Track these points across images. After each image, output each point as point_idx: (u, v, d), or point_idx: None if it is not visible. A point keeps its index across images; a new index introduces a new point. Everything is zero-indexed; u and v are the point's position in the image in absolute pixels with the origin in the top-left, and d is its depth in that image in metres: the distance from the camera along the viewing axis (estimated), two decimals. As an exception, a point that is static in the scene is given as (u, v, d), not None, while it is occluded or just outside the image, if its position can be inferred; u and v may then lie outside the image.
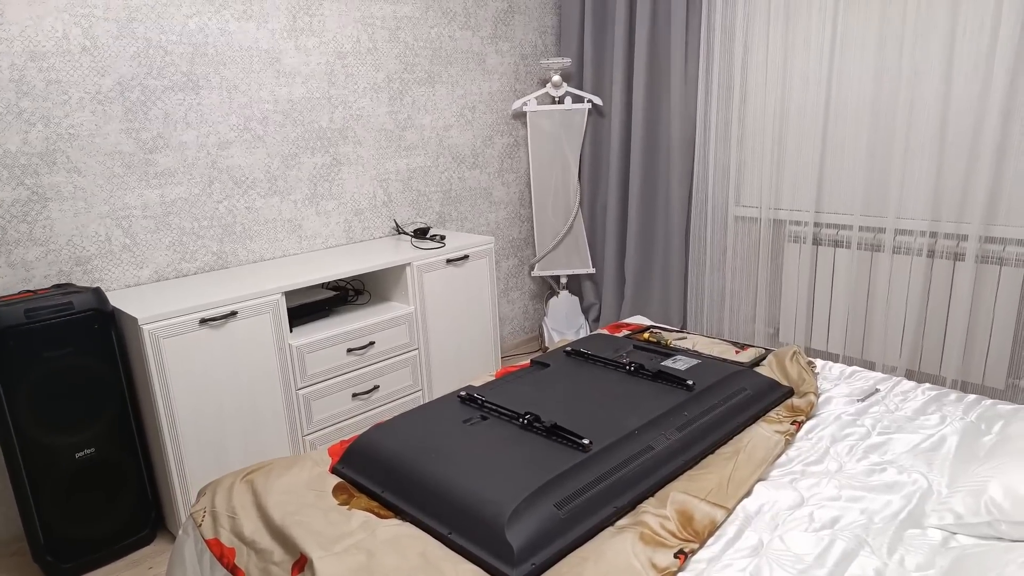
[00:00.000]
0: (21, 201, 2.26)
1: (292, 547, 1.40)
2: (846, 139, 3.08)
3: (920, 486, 1.59)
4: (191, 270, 2.68)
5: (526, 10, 3.71)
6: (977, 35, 2.65)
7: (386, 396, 2.82)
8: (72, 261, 2.39)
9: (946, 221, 2.85)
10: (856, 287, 3.14)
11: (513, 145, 3.80)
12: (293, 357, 2.50)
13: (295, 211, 2.95)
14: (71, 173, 2.35)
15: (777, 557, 1.37)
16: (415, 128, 3.33)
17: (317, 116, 2.96)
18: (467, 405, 1.88)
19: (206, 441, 2.32)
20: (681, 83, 3.44)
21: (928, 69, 2.79)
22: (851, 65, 3.00)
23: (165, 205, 2.57)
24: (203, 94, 2.61)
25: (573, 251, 3.82)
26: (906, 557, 1.37)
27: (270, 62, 2.77)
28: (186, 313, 2.22)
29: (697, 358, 2.16)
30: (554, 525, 1.39)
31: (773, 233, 3.39)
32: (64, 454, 2.13)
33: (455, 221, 3.60)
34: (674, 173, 3.55)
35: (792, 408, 1.95)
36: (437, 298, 2.96)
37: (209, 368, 2.29)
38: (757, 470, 1.64)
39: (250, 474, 1.67)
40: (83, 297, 2.15)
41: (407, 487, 1.55)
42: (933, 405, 1.99)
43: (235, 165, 2.74)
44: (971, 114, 2.71)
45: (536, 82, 3.84)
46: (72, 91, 2.32)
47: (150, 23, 2.45)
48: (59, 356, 2.09)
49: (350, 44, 3.02)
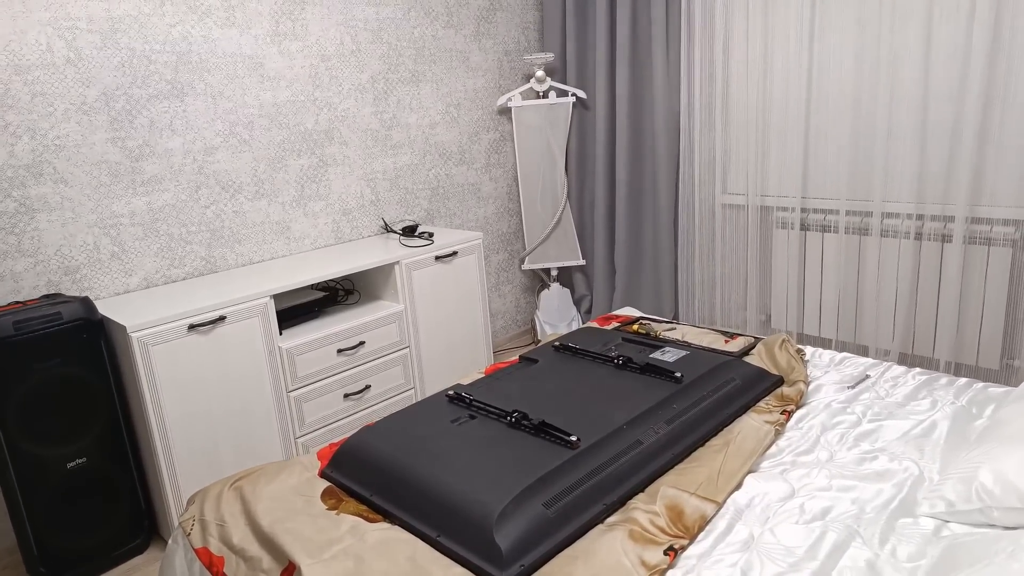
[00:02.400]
0: (8, 213, 2.25)
1: (281, 554, 1.40)
2: (829, 123, 3.08)
3: (911, 473, 1.58)
4: (180, 276, 2.67)
5: (508, 7, 3.70)
6: (954, 18, 2.66)
7: (378, 395, 2.82)
8: (61, 271, 2.38)
9: (932, 203, 2.85)
10: (845, 271, 3.14)
11: (499, 140, 3.79)
12: (283, 359, 2.49)
13: (283, 213, 2.94)
14: (58, 184, 2.34)
15: (768, 551, 1.37)
16: (401, 127, 3.32)
17: (302, 119, 2.95)
18: (455, 404, 1.88)
19: (198, 447, 2.32)
20: (663, 74, 3.43)
21: (907, 53, 2.79)
22: (831, 50, 3.00)
23: (153, 212, 2.56)
24: (188, 101, 2.60)
25: (563, 243, 3.82)
26: (898, 547, 1.36)
27: (254, 67, 2.76)
28: (174, 319, 2.21)
29: (686, 349, 2.15)
30: (543, 525, 1.39)
31: (760, 219, 3.39)
32: (56, 465, 2.13)
33: (444, 218, 3.59)
34: (660, 163, 3.54)
35: (782, 397, 1.94)
36: (427, 295, 2.95)
37: (199, 374, 2.29)
38: (747, 462, 1.64)
39: (239, 481, 1.67)
40: (71, 307, 2.14)
41: (396, 490, 1.55)
42: (924, 390, 1.98)
43: (221, 170, 2.73)
44: (951, 97, 2.71)
45: (520, 78, 3.83)
46: (57, 103, 2.31)
47: (133, 33, 2.43)
48: (49, 367, 2.09)
49: (333, 47, 3.01)
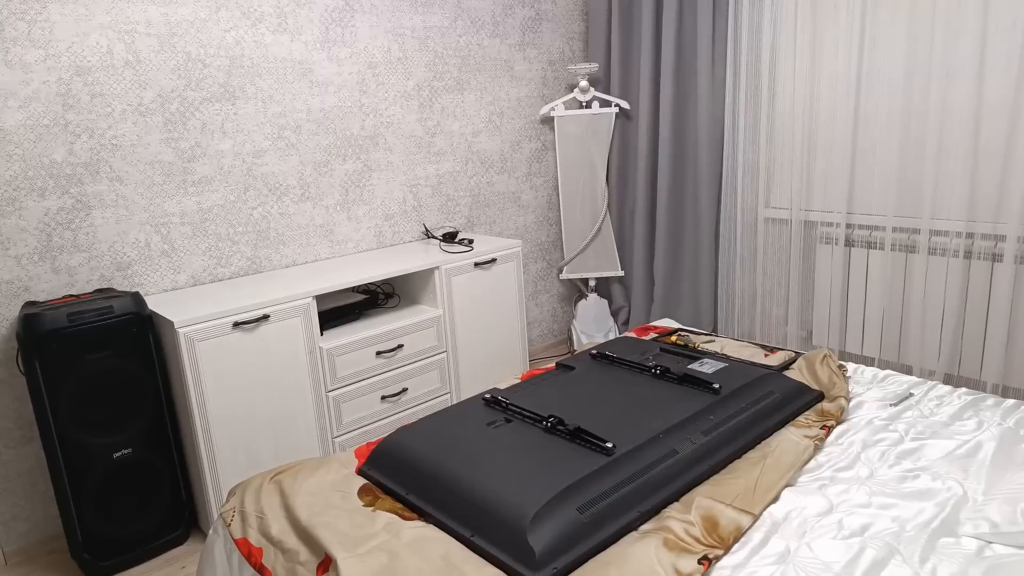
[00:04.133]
0: (66, 209, 2.35)
1: (317, 548, 1.43)
2: (877, 139, 3.02)
3: (955, 493, 1.55)
4: (226, 275, 2.74)
5: (553, 17, 3.72)
6: (1009, 33, 2.59)
7: (414, 399, 2.85)
8: (113, 267, 2.47)
9: (982, 222, 2.77)
10: (891, 289, 3.08)
11: (541, 150, 3.81)
12: (323, 360, 2.54)
13: (327, 216, 3.00)
14: (113, 182, 2.42)
15: (804, 565, 1.35)
16: (444, 134, 3.36)
17: (349, 124, 3.01)
18: (491, 408, 1.89)
19: (238, 442, 2.37)
20: (708, 85, 3.42)
21: (959, 68, 2.73)
22: (881, 65, 2.95)
23: (202, 212, 2.64)
24: (239, 104, 2.67)
25: (601, 254, 3.82)
26: (939, 566, 1.34)
27: (303, 73, 2.83)
28: (220, 316, 2.27)
29: (725, 361, 2.14)
30: (577, 529, 1.39)
31: (804, 234, 3.34)
32: (102, 454, 2.20)
33: (484, 225, 3.62)
34: (702, 175, 3.52)
35: (822, 412, 1.91)
36: (465, 301, 2.98)
37: (242, 370, 2.35)
38: (785, 475, 1.62)
39: (278, 475, 1.71)
40: (123, 301, 2.22)
41: (431, 489, 1.56)
42: (970, 410, 1.93)
43: (269, 172, 2.80)
44: (1005, 113, 2.64)
45: (564, 87, 3.85)
46: (115, 103, 2.40)
47: (190, 37, 2.52)
48: (99, 358, 2.16)
49: (381, 54, 3.07)
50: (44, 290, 2.34)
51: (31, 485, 2.38)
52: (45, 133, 2.28)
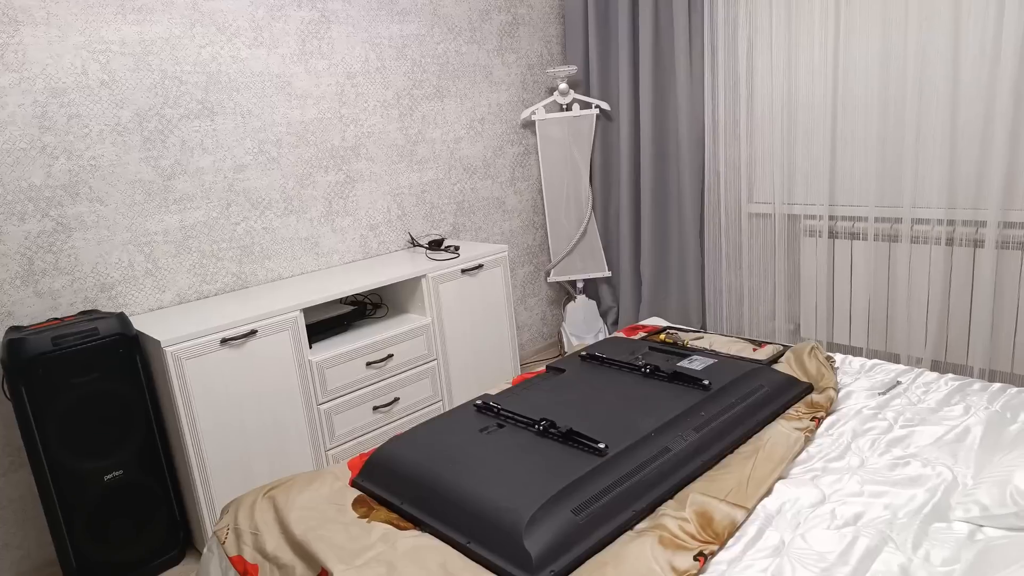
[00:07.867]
0: (47, 232, 2.33)
1: (314, 562, 1.42)
2: (856, 129, 3.05)
3: (944, 478, 1.56)
4: (212, 291, 2.73)
5: (530, 21, 3.74)
6: (982, 17, 2.62)
7: (407, 408, 2.84)
8: (97, 288, 2.45)
9: (963, 208, 2.80)
10: (876, 279, 3.11)
11: (523, 154, 3.82)
12: (313, 373, 2.53)
13: (311, 229, 3.00)
14: (93, 203, 2.41)
15: (799, 556, 1.36)
16: (426, 142, 3.36)
17: (329, 135, 3.00)
18: (483, 414, 1.89)
19: (231, 459, 2.35)
20: (687, 83, 3.44)
21: (935, 53, 2.75)
22: (856, 54, 2.98)
23: (185, 229, 2.63)
24: (218, 120, 2.66)
25: (588, 255, 3.83)
26: (932, 551, 1.35)
27: (282, 86, 2.83)
28: (207, 334, 2.26)
29: (714, 357, 2.15)
30: (572, 531, 1.40)
31: (788, 228, 3.36)
32: (93, 478, 2.18)
33: (469, 231, 3.62)
34: (685, 173, 3.54)
35: (812, 404, 1.93)
36: (453, 308, 2.98)
37: (231, 387, 2.33)
38: (777, 468, 1.63)
39: (272, 490, 1.70)
40: (107, 322, 2.20)
41: (426, 498, 1.56)
42: (957, 395, 1.96)
43: (251, 187, 2.79)
44: (981, 98, 2.67)
45: (543, 91, 3.86)
46: (92, 124, 2.38)
47: (165, 55, 2.51)
48: (86, 381, 2.14)
49: (359, 64, 3.07)
50: (27, 314, 2.32)
51: (23, 512, 2.35)
52: (22, 156, 2.26)
